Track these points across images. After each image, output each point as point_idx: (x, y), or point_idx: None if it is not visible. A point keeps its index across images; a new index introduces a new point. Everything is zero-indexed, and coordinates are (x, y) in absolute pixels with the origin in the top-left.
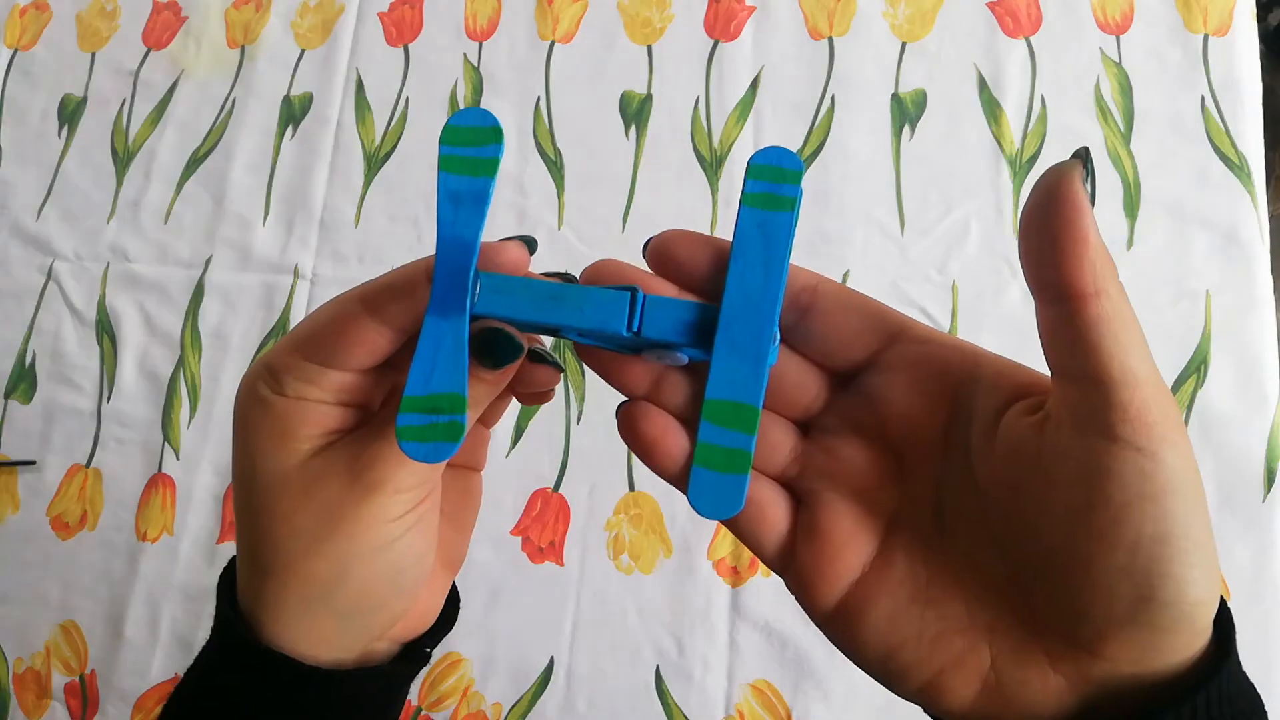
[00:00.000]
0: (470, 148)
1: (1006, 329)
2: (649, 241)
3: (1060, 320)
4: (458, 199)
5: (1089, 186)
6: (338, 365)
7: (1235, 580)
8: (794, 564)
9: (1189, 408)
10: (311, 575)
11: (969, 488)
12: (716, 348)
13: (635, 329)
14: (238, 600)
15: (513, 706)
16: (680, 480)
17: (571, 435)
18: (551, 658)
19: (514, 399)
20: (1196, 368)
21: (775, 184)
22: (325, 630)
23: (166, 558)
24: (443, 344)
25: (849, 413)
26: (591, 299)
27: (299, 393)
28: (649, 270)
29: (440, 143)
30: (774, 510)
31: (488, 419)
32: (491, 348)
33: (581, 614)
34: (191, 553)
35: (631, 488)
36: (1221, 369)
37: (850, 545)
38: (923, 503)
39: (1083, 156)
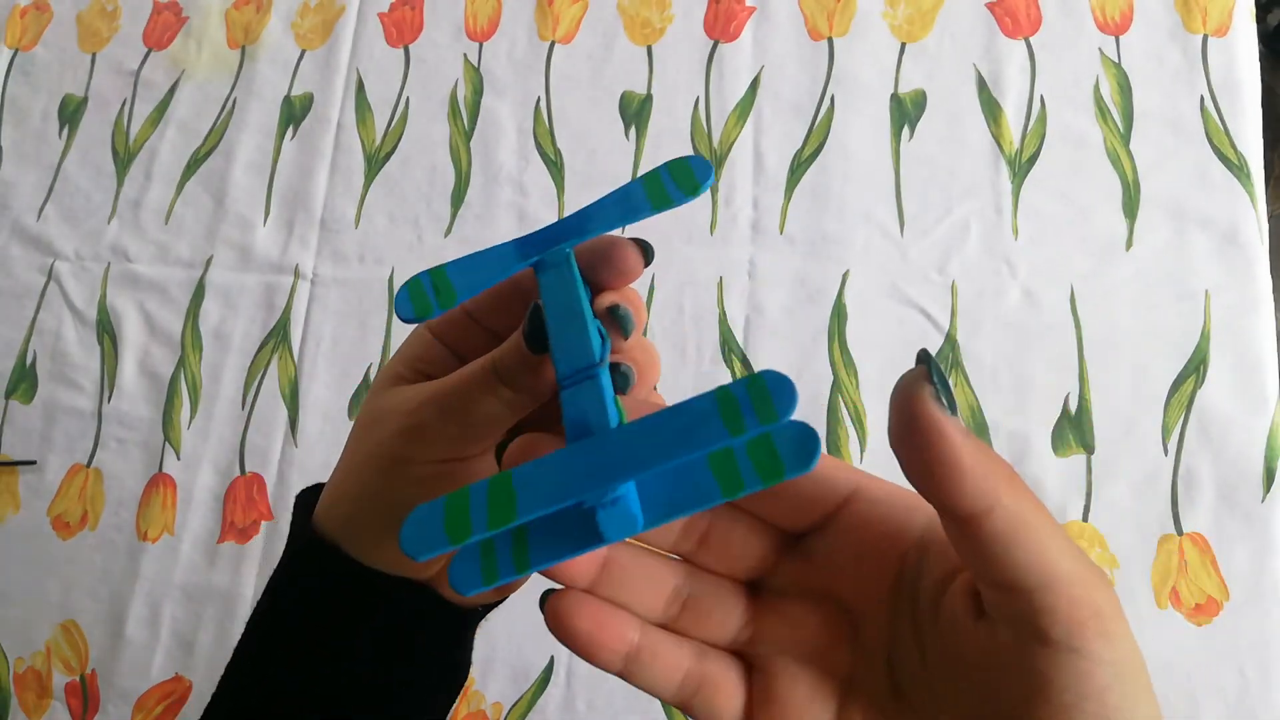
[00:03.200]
0: (672, 182)
1: (1006, 329)
2: None
3: (962, 538)
4: (623, 201)
5: (942, 397)
6: (480, 318)
7: (1235, 580)
8: None
9: (1188, 407)
10: (343, 485)
11: (916, 654)
12: (564, 451)
13: (564, 383)
14: (314, 513)
15: (513, 706)
16: (626, 676)
17: None
18: (551, 657)
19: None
20: (1196, 367)
21: (753, 404)
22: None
23: (167, 557)
24: (496, 261)
25: (800, 574)
26: (579, 338)
27: (432, 327)
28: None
29: (663, 165)
30: (728, 685)
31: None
32: (531, 322)
33: None
34: (192, 553)
35: None
36: (1221, 369)
37: (808, 713)
38: (875, 664)
39: (925, 361)
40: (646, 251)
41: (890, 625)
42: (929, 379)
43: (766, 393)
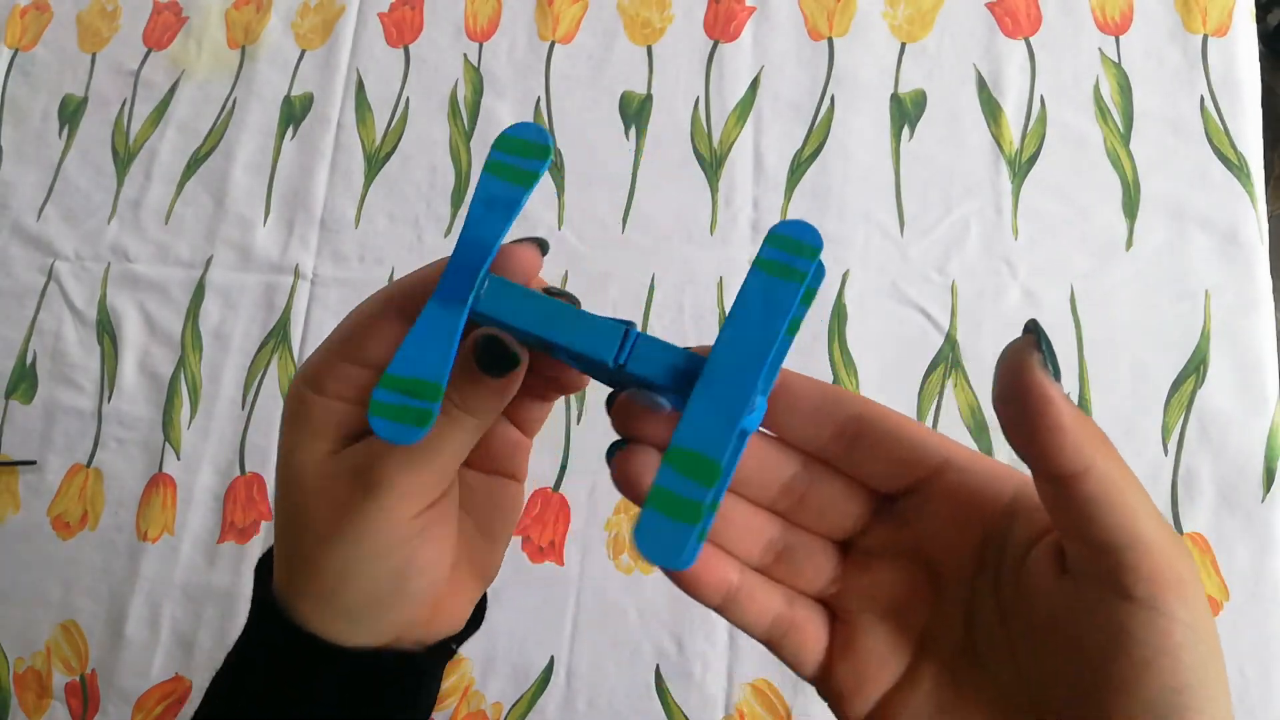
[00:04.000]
0: (518, 158)
1: (1006, 329)
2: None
3: (1057, 497)
4: (491, 202)
5: (1048, 363)
6: (369, 364)
7: (1235, 580)
8: (831, 678)
9: (1188, 407)
10: (322, 571)
11: (996, 613)
12: (693, 397)
13: (621, 361)
14: (273, 585)
15: (513, 706)
16: (723, 612)
17: (571, 435)
18: (552, 657)
19: (556, 402)
20: (1196, 367)
21: (792, 255)
22: (339, 626)
23: (167, 557)
24: (436, 331)
25: (890, 535)
26: (588, 324)
27: (337, 393)
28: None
29: (493, 147)
30: (814, 629)
31: (528, 427)
32: (491, 355)
33: (581, 613)
34: (192, 553)
35: None
36: (1221, 369)
37: (885, 663)
38: (953, 621)
39: (1034, 331)
40: (542, 246)
41: (972, 585)
42: (1037, 346)
43: (794, 240)
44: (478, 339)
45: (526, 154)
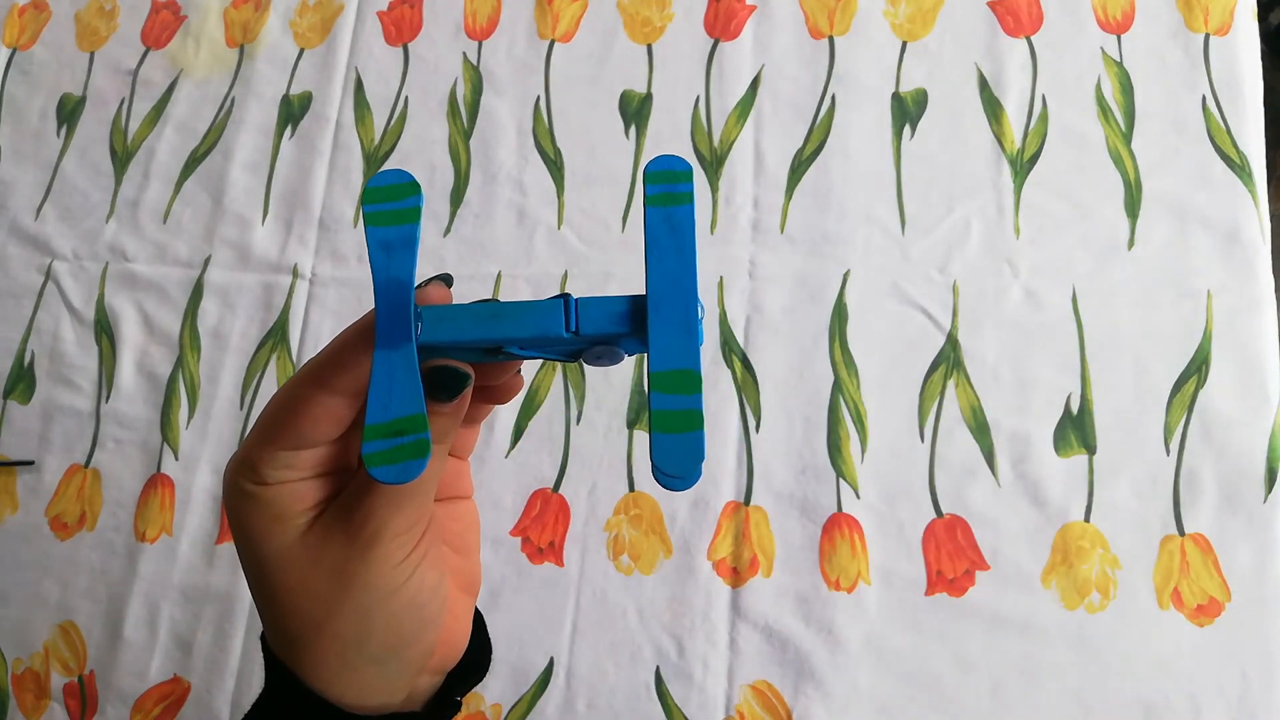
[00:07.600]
0: (390, 203)
1: (1007, 329)
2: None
3: None
4: (388, 246)
5: None
6: (308, 445)
7: (1237, 581)
8: None
9: (1190, 407)
10: (340, 632)
11: None
12: (651, 327)
13: (574, 329)
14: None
15: (512, 707)
16: None
17: (571, 435)
18: (551, 658)
19: (485, 415)
20: (1198, 368)
21: (671, 184)
22: (367, 678)
23: (165, 558)
24: (395, 372)
25: None
26: (529, 309)
27: (280, 479)
28: None
29: (362, 203)
30: None
31: (462, 449)
32: (442, 382)
33: (581, 614)
34: (190, 553)
35: (631, 488)
36: (1223, 369)
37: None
38: None
39: None
40: (446, 280)
41: None
42: None
43: (668, 172)
44: (425, 373)
45: (398, 196)
